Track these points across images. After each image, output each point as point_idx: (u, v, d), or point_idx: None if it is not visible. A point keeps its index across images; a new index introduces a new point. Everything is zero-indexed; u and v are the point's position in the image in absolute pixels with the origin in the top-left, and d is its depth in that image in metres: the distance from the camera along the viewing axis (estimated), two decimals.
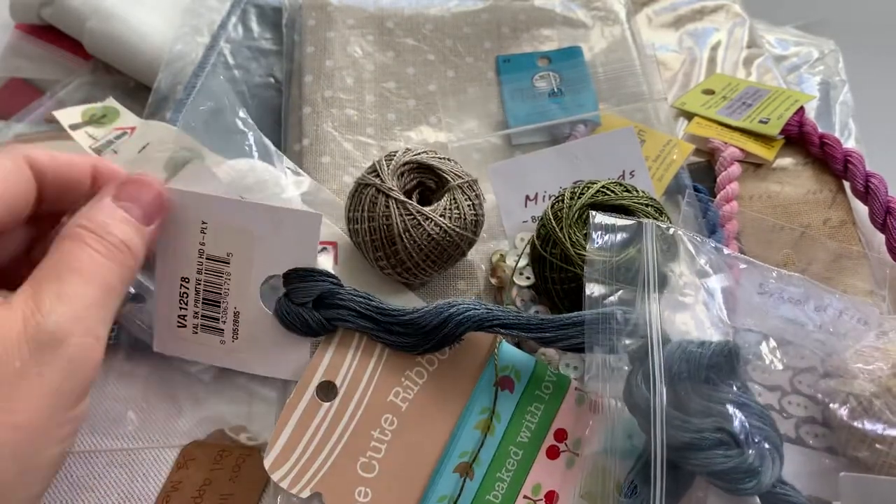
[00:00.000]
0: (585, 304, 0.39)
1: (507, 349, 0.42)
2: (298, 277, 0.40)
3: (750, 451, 0.34)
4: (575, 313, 0.39)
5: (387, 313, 0.40)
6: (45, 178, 0.37)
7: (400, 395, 0.41)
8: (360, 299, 0.41)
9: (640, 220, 0.41)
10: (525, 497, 0.39)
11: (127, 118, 0.58)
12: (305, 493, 0.39)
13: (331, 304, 0.40)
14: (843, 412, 0.38)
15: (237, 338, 0.42)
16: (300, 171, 0.50)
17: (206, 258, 0.40)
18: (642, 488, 0.34)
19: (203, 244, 0.40)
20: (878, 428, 0.37)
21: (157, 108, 0.59)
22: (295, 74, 0.59)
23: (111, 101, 0.60)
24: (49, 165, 0.37)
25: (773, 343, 0.40)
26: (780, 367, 0.40)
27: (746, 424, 0.34)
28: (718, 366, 0.36)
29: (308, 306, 0.40)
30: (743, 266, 0.42)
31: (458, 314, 0.39)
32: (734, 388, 0.36)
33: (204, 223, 0.40)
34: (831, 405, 0.39)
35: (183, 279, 0.41)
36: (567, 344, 0.39)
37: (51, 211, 0.39)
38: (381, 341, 0.41)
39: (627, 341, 0.37)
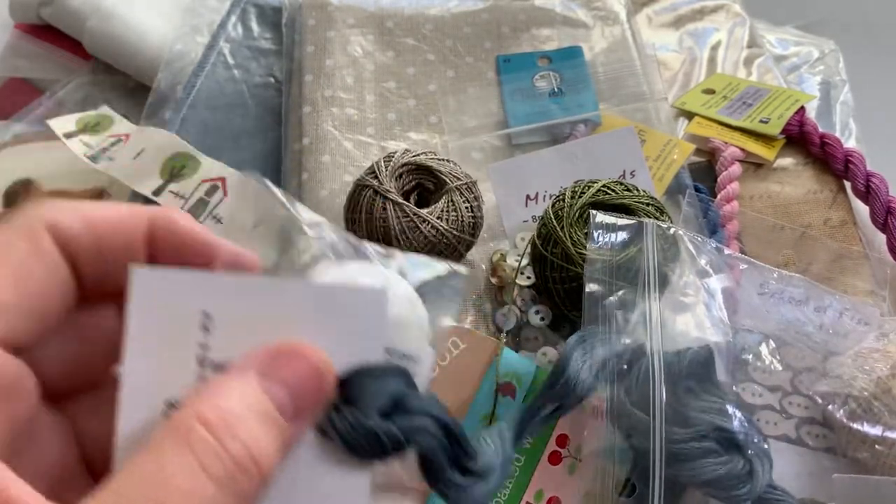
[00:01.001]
0: (585, 302, 0.39)
1: (509, 355, 0.42)
2: (367, 377, 0.26)
3: (740, 457, 0.34)
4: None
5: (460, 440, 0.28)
6: (80, 252, 0.24)
7: None
8: (439, 405, 0.28)
9: (641, 219, 0.41)
10: (527, 503, 0.39)
11: (121, 125, 0.58)
12: None
13: (404, 409, 0.26)
14: (843, 414, 0.38)
15: None
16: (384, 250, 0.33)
17: (212, 367, 0.25)
18: (641, 489, 0.34)
19: (205, 346, 0.25)
20: (878, 430, 0.37)
21: (157, 108, 0.59)
22: (295, 74, 0.59)
23: (105, 109, 0.60)
24: (83, 235, 0.24)
25: (773, 343, 0.40)
26: (780, 367, 0.40)
27: (732, 430, 0.34)
28: (697, 374, 0.35)
29: (376, 417, 0.26)
30: (743, 266, 0.42)
31: None
32: (714, 394, 0.35)
33: (207, 314, 0.25)
34: (829, 406, 0.39)
35: (170, 405, 0.25)
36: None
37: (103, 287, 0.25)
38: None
39: (627, 340, 0.37)
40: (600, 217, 0.41)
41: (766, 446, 0.35)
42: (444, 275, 0.31)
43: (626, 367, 0.36)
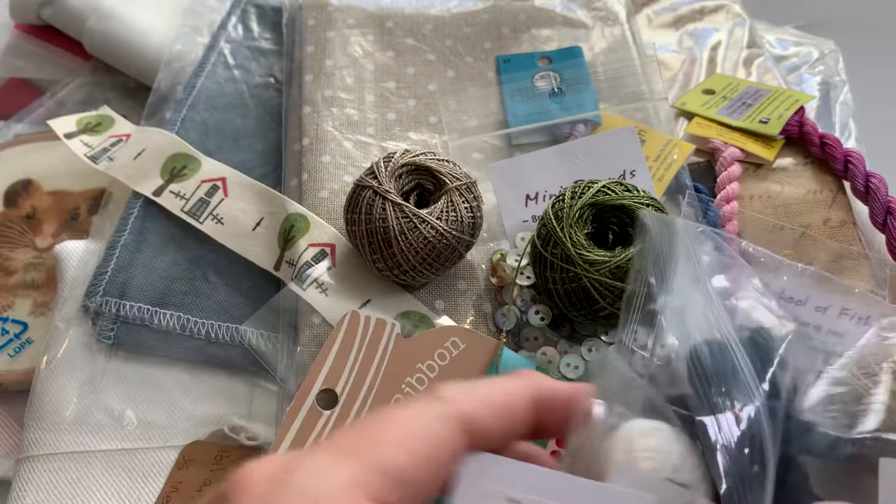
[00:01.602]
0: (634, 304, 0.37)
1: (509, 354, 0.42)
2: None
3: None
4: None
5: None
6: (478, 439, 0.26)
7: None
8: None
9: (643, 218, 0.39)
10: None
11: (121, 125, 0.58)
12: None
13: None
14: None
15: None
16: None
17: None
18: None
19: None
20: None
21: (157, 108, 0.59)
22: (295, 74, 0.59)
23: (105, 109, 0.60)
24: (489, 422, 0.26)
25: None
26: (780, 367, 0.40)
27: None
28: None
29: None
30: (745, 263, 0.41)
31: None
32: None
33: (515, 500, 0.29)
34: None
35: None
36: None
37: None
38: None
39: (671, 339, 0.35)
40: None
41: None
42: None
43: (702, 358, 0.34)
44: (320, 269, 0.48)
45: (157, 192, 0.53)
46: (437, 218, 0.44)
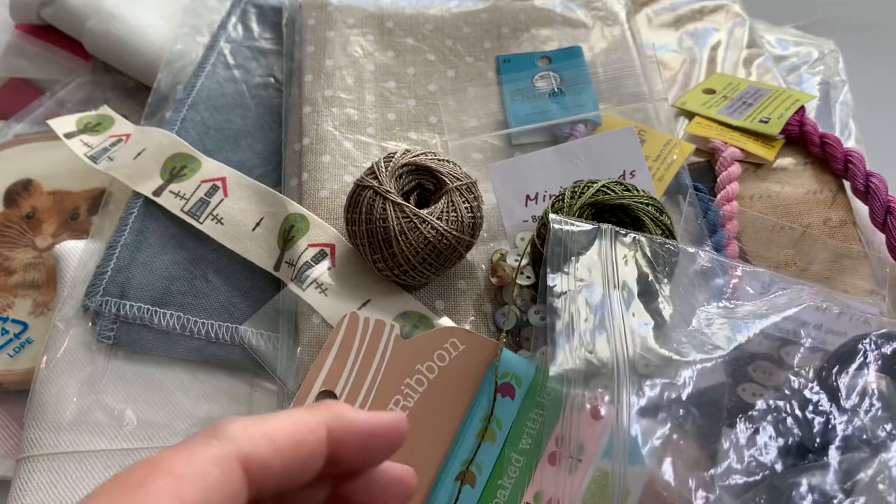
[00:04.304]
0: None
1: (508, 355, 0.42)
2: None
3: None
4: None
5: None
6: (267, 478, 0.24)
7: (400, 404, 0.41)
8: None
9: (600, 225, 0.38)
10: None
11: (121, 125, 0.58)
12: None
13: None
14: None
15: None
16: None
17: None
18: None
19: None
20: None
21: (157, 108, 0.59)
22: (295, 74, 0.59)
23: (105, 109, 0.60)
24: (271, 460, 0.24)
25: (773, 343, 0.40)
26: (780, 367, 0.40)
27: None
28: None
29: None
30: (744, 268, 0.42)
31: None
32: None
33: None
34: None
35: None
36: None
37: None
38: None
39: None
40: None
41: None
42: None
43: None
44: (320, 270, 0.48)
45: (157, 192, 0.53)
46: (438, 218, 0.44)
